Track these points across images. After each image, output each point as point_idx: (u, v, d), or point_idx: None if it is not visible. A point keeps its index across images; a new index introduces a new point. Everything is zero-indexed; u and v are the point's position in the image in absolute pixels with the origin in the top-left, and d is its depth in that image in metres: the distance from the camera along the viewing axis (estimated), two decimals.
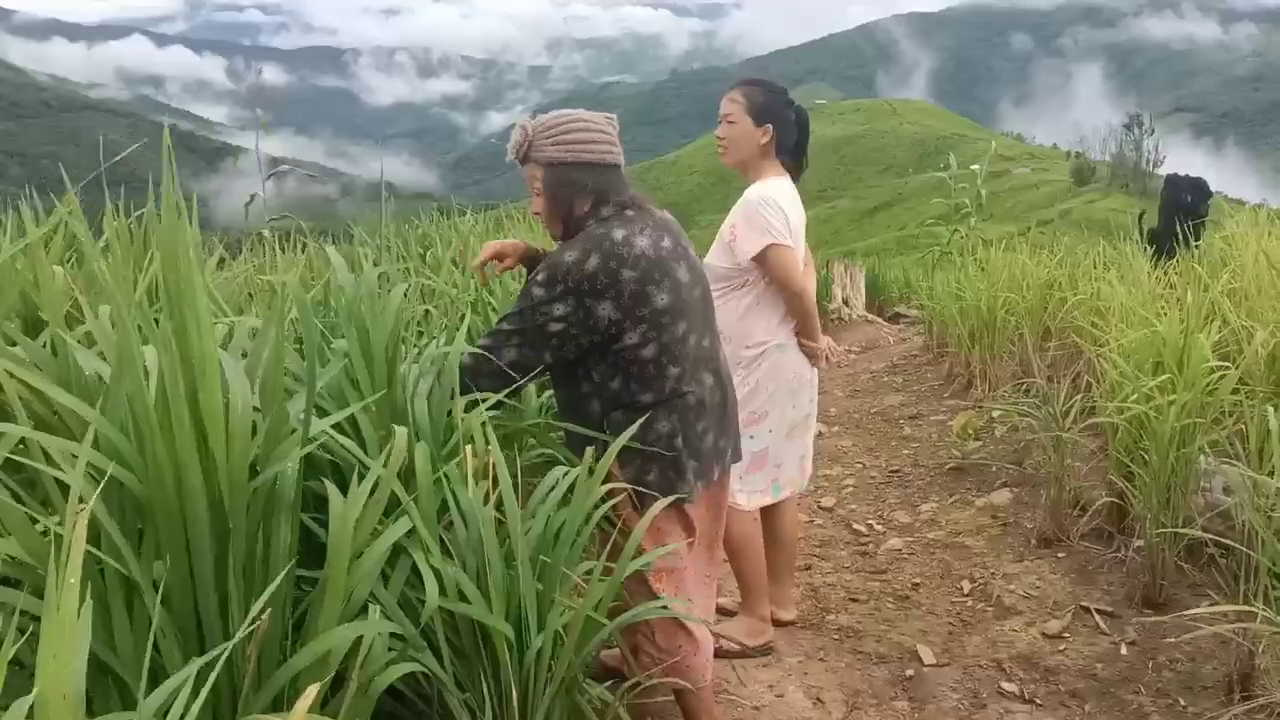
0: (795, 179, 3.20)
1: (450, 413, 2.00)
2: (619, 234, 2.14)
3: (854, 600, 3.72)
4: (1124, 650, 3.06)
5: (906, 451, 5.68)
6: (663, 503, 2.08)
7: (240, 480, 1.42)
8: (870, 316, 13.02)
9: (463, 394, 2.05)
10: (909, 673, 3.14)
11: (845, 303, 12.96)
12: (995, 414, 5.32)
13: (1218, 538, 3.00)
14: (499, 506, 1.89)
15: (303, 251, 5.15)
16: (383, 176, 4.43)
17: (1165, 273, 5.74)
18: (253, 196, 5.84)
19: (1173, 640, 3.05)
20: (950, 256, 10.97)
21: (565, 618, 1.85)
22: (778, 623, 3.44)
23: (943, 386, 7.20)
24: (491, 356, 2.11)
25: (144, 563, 1.39)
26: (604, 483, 1.96)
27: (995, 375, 6.30)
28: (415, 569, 1.78)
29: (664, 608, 2.09)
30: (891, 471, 5.34)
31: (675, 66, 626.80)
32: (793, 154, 3.20)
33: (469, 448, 1.89)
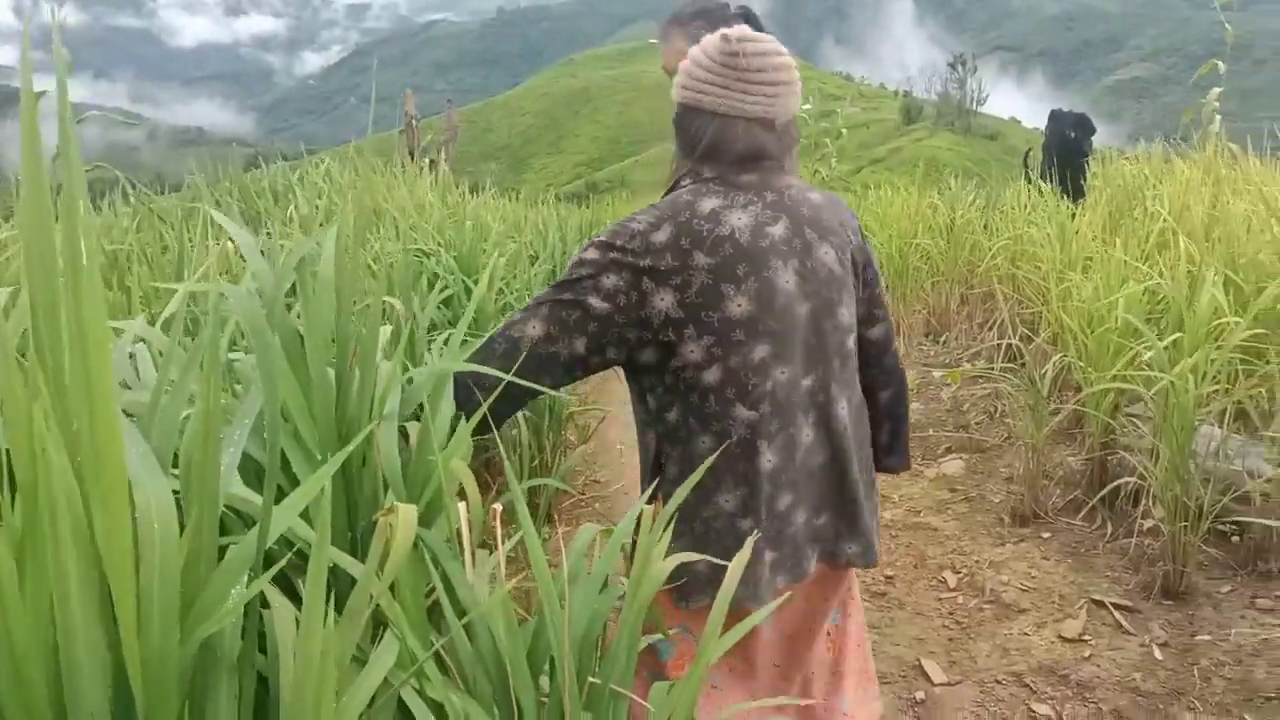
0: None
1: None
2: (708, 205, 1.48)
3: None
4: (1158, 654, 2.69)
5: None
6: (717, 603, 1.16)
7: (163, 652, 0.74)
8: None
9: (464, 395, 1.45)
10: (918, 695, 2.69)
11: None
12: (938, 374, 4.95)
13: (1257, 519, 2.67)
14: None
15: (126, 206, 4.36)
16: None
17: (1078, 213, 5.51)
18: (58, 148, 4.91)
19: (1208, 638, 2.70)
20: None
21: None
22: None
23: None
24: (515, 328, 1.48)
25: None
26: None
27: (908, 326, 5.96)
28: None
29: None
30: None
31: (502, 4, 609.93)
32: None
33: (463, 506, 1.25)
